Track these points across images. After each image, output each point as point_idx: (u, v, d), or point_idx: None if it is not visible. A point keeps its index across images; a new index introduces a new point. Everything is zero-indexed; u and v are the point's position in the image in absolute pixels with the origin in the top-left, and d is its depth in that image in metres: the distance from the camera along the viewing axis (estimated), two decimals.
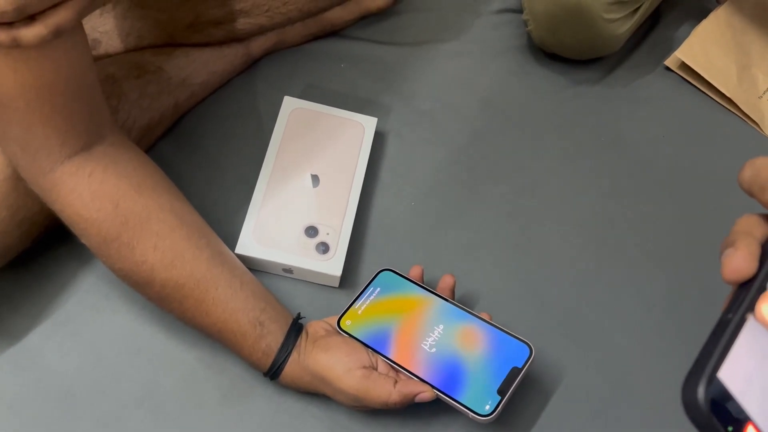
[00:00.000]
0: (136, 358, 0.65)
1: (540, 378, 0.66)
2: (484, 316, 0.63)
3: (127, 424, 0.61)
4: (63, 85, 0.53)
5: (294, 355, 0.59)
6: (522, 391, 0.65)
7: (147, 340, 0.65)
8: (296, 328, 0.61)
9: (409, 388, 0.58)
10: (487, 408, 0.57)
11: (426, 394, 0.58)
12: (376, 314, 0.63)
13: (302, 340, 0.61)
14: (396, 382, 0.58)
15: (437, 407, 0.60)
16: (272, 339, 0.59)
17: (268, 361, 0.59)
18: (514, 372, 0.58)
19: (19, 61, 0.50)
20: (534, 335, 0.62)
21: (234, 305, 0.59)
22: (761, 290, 0.29)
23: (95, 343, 0.65)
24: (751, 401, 0.28)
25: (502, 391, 0.57)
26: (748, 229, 0.31)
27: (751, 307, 0.29)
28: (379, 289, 0.65)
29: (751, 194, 0.32)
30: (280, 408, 0.63)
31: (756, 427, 0.27)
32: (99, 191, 0.56)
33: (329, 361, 0.59)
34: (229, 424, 0.62)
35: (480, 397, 0.57)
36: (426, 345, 0.61)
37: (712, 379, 0.27)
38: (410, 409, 0.61)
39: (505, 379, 0.58)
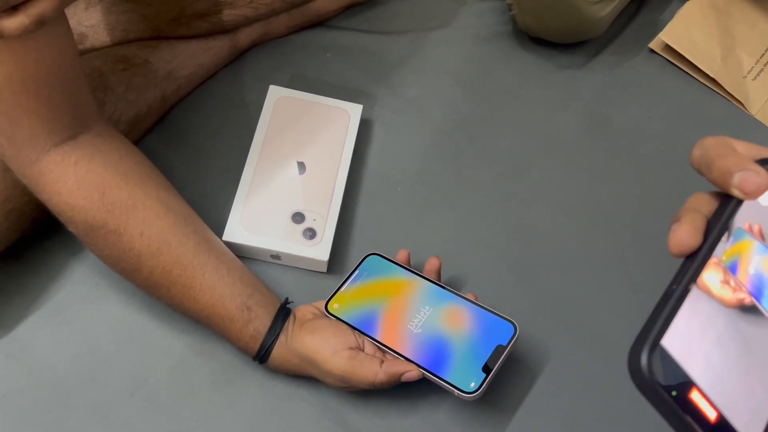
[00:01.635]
0: (128, 347, 0.65)
1: (527, 358, 0.67)
2: (470, 296, 0.63)
3: (119, 412, 0.62)
4: (47, 75, 0.53)
5: (282, 339, 0.60)
6: (509, 370, 0.65)
7: (138, 329, 0.66)
8: (284, 312, 0.62)
9: (395, 368, 0.58)
10: (473, 385, 0.57)
11: (412, 373, 0.58)
12: (363, 297, 0.64)
13: (290, 324, 0.61)
14: (382, 362, 0.59)
15: (425, 388, 0.61)
16: (260, 323, 0.60)
17: (256, 345, 0.60)
18: (499, 350, 0.59)
19: (2, 53, 0.50)
20: (522, 316, 0.63)
21: (221, 291, 0.59)
22: (704, 262, 0.30)
23: (86, 333, 0.65)
24: (694, 367, 0.29)
25: (487, 369, 0.58)
26: (695, 206, 0.33)
27: (694, 279, 0.30)
28: (366, 272, 0.66)
29: (700, 172, 0.33)
30: (271, 392, 0.64)
31: (700, 391, 0.28)
32: (85, 180, 0.57)
33: (316, 343, 0.59)
34: (221, 410, 0.63)
35: (465, 375, 0.58)
36: (412, 326, 0.61)
37: (655, 347, 0.28)
38: (398, 390, 0.61)
39: (489, 357, 0.59)
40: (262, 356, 0.60)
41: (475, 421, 0.63)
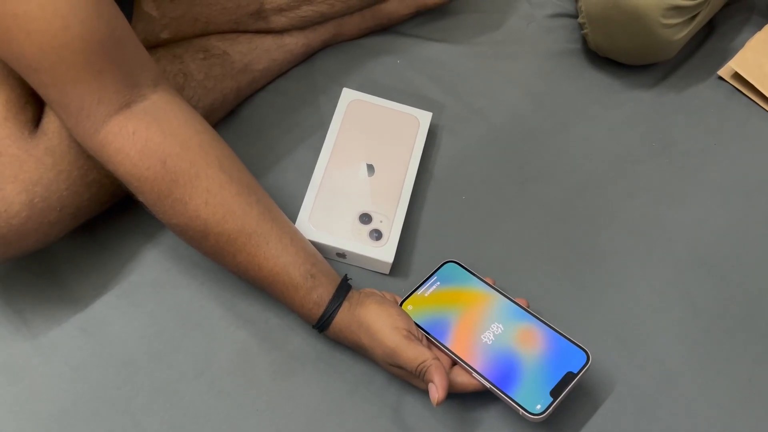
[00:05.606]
0: (194, 332, 0.67)
1: (587, 376, 0.67)
2: (521, 301, 0.65)
3: (184, 393, 0.64)
4: (79, 43, 0.53)
5: (345, 305, 0.62)
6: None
7: (204, 315, 0.68)
8: (346, 285, 0.63)
9: (436, 374, 0.58)
10: (539, 408, 0.58)
11: (436, 397, 0.57)
12: (438, 303, 0.65)
13: (354, 293, 0.63)
14: (436, 358, 0.59)
15: (488, 400, 0.62)
16: (323, 290, 0.62)
17: (318, 312, 0.62)
18: (569, 377, 0.59)
19: (41, 21, 0.52)
20: (581, 334, 0.63)
21: (285, 259, 0.61)
22: None
23: (156, 315, 0.67)
24: None
25: (554, 393, 0.58)
26: None
27: None
28: (442, 279, 0.67)
29: None
30: (330, 387, 0.65)
31: None
32: (145, 150, 0.57)
33: (380, 313, 0.61)
34: (280, 401, 0.64)
35: (532, 396, 0.58)
36: (484, 339, 0.62)
37: None
38: (460, 398, 0.63)
39: (559, 382, 0.59)
40: (324, 322, 0.62)
41: None
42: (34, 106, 0.62)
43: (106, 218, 0.69)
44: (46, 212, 0.60)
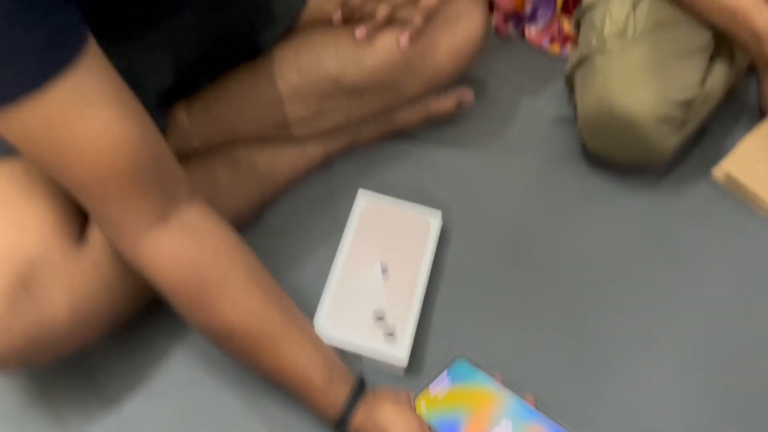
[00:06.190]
0: (221, 429, 0.70)
1: None
2: (529, 397, 0.67)
3: None
4: (127, 163, 0.58)
5: (362, 407, 0.66)
6: None
7: (229, 412, 0.71)
8: (361, 385, 0.68)
9: None
10: None
11: None
12: (449, 402, 0.68)
13: (369, 393, 0.67)
14: None
15: None
16: (341, 391, 0.66)
17: (336, 412, 0.66)
18: None
19: (84, 143, 0.56)
20: (586, 426, 0.66)
21: (305, 362, 0.66)
22: None
23: (185, 413, 0.71)
24: None
25: None
26: None
27: None
28: (453, 376, 0.71)
29: None
30: None
31: None
32: (179, 259, 0.62)
33: (395, 414, 0.65)
34: None
35: None
36: None
37: None
38: None
39: None
40: (340, 423, 0.66)
41: None
42: (80, 218, 0.67)
43: (137, 318, 0.73)
44: (88, 319, 0.64)
